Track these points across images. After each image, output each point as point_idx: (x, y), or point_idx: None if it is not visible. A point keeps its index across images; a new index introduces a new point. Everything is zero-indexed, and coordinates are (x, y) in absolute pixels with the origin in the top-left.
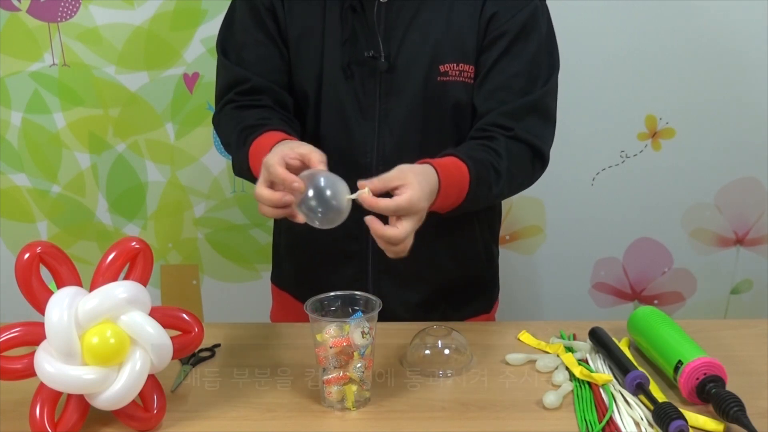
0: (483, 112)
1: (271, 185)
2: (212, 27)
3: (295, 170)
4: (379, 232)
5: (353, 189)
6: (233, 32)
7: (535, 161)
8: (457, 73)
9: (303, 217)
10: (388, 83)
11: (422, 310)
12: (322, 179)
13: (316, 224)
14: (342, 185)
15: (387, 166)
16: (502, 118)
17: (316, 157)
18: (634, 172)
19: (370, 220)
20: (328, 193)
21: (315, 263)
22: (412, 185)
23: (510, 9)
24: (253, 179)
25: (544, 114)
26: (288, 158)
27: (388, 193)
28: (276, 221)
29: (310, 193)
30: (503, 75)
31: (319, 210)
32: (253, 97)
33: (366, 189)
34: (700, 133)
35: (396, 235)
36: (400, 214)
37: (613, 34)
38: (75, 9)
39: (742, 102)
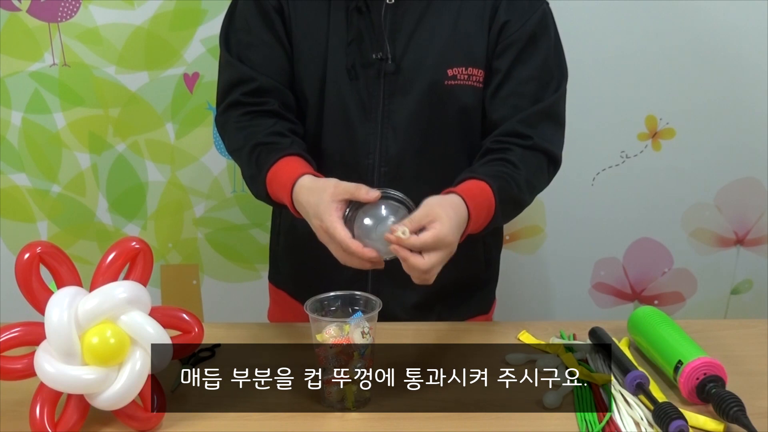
0: (497, 120)
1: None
2: (212, 27)
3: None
4: (404, 256)
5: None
6: (238, 30)
7: (550, 167)
8: (466, 77)
9: None
10: (393, 84)
11: (419, 311)
12: (363, 222)
13: None
14: (379, 226)
15: (389, 168)
16: (520, 125)
17: (361, 193)
18: (635, 172)
19: (397, 248)
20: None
21: (315, 264)
22: (441, 220)
23: (521, 16)
24: (273, 204)
25: (556, 120)
26: (339, 214)
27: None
28: (274, 221)
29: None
30: (515, 81)
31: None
32: (260, 100)
33: (400, 231)
34: (700, 133)
35: (420, 265)
36: (428, 249)
37: (613, 34)
38: (75, 9)
39: (742, 102)
